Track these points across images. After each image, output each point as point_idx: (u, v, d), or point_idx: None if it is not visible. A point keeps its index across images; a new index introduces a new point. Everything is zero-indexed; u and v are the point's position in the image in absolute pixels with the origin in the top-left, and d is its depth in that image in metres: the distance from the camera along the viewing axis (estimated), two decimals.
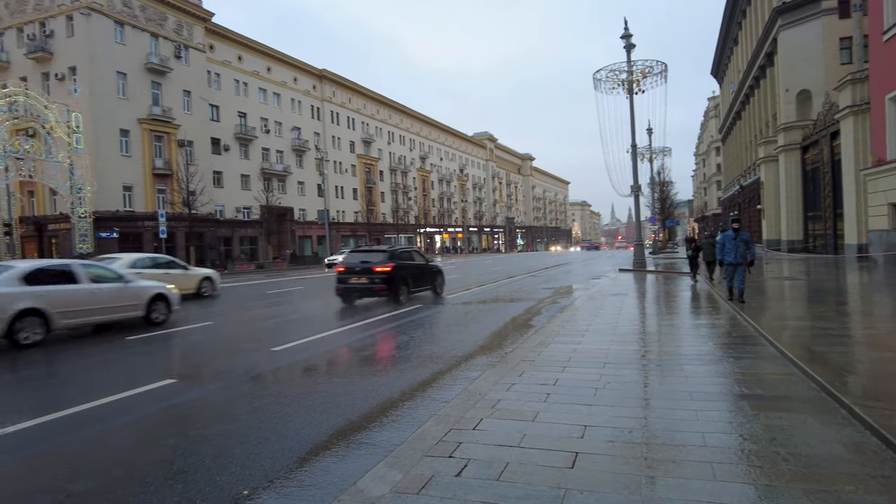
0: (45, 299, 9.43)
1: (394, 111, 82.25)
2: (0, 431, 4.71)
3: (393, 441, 4.19)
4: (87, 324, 10.50)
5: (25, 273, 9.53)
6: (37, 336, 9.23)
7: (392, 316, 12.02)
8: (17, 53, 42.40)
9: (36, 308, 9.27)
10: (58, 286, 9.84)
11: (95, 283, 10.49)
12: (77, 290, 10.06)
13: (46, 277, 9.81)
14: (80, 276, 10.27)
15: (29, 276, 9.54)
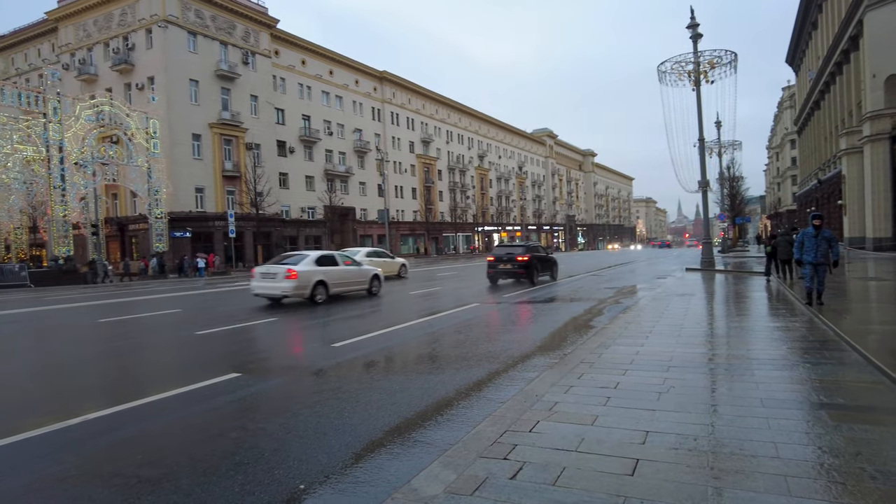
0: (326, 275, 15.19)
1: (452, 110, 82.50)
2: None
3: (447, 440, 4.16)
4: (342, 293, 16.02)
5: (316, 258, 15.45)
6: (323, 297, 14.88)
7: (447, 315, 12.03)
8: (104, 66, 45.42)
9: (322, 280, 14.99)
10: (330, 267, 15.55)
11: (346, 267, 16.19)
12: (339, 269, 15.88)
13: (324, 261, 15.55)
14: (339, 261, 16.14)
15: (317, 260, 15.38)
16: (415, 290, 19.09)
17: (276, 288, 14.49)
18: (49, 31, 49.96)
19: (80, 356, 8.83)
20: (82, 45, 46.88)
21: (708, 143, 27.23)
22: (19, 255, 36.68)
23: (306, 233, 54.62)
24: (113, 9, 44.61)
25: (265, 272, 14.99)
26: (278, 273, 14.54)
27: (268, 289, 14.67)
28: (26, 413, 5.46)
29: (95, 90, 42.94)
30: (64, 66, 46.64)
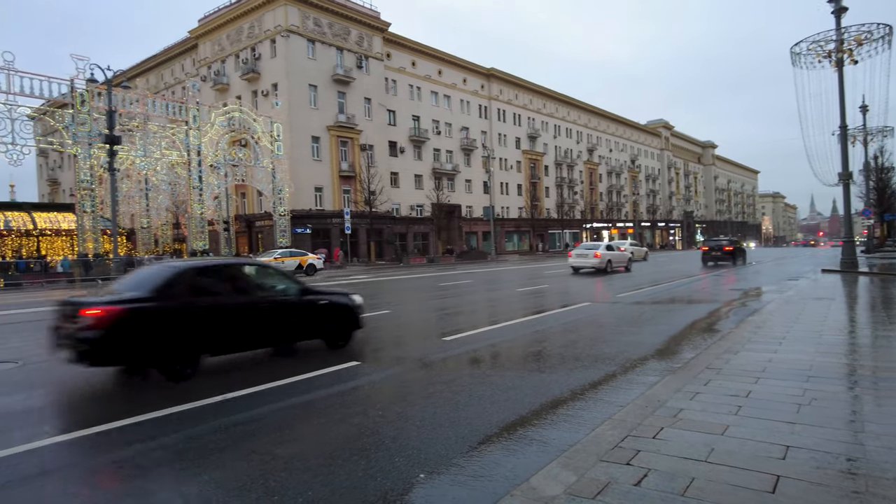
0: (612, 256, 24.86)
1: (560, 104, 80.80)
2: (232, 395, 5.52)
3: (565, 441, 4.08)
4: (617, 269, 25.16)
5: (605, 246, 25.66)
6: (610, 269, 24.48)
7: (556, 314, 11.80)
8: (235, 76, 49.57)
9: (610, 259, 24.52)
10: (611, 251, 25.31)
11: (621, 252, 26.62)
12: (616, 253, 25.76)
13: (609, 248, 25.61)
14: (614, 247, 26.51)
15: (606, 247, 25.40)
16: (521, 287, 18.95)
17: (588, 263, 24.73)
18: (190, 47, 55.40)
19: None
20: (217, 58, 51.50)
21: (851, 131, 24.45)
22: (164, 249, 41.11)
23: (415, 230, 56.16)
24: (243, 23, 48.55)
25: (580, 253, 25.52)
26: (588, 254, 24.88)
27: (582, 263, 25.01)
28: (168, 390, 6.09)
29: (227, 98, 47.00)
30: (202, 78, 51.51)
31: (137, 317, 6.17)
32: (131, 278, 7.27)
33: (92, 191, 31.68)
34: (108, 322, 5.94)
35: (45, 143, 34.42)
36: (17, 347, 8.92)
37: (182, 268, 7.11)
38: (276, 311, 7.52)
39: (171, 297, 6.51)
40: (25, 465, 3.89)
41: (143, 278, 6.99)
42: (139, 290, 6.51)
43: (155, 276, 6.90)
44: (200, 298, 6.84)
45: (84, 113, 30.75)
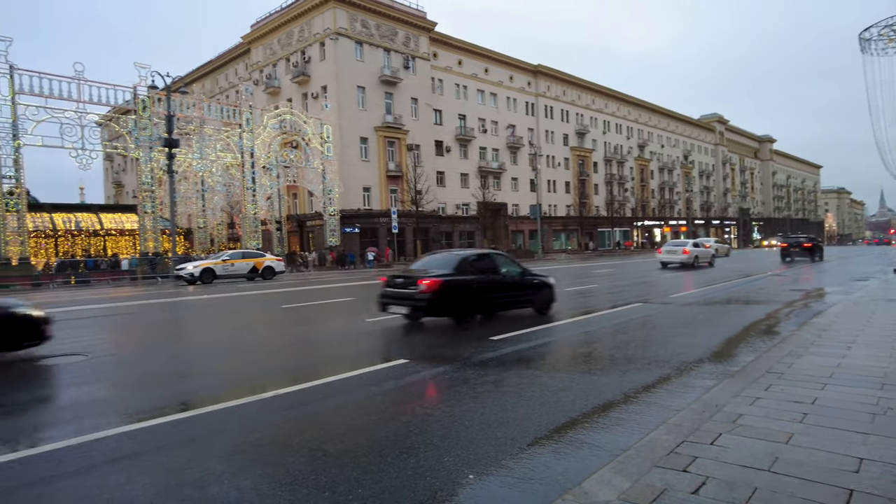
0: (698, 252, 27.70)
1: (609, 99, 79.18)
2: (283, 391, 5.65)
3: (617, 445, 3.97)
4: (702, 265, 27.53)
5: (693, 243, 28.29)
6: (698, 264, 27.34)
7: (607, 314, 11.55)
8: (286, 79, 50.85)
9: (697, 255, 27.55)
10: (698, 248, 27.98)
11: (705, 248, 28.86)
12: (701, 249, 28.14)
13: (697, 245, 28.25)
14: (700, 244, 28.89)
15: (693, 243, 28.19)
16: (569, 286, 18.66)
17: (676, 258, 26.97)
18: (243, 52, 57.18)
19: (269, 337, 9.98)
20: (269, 62, 52.96)
21: None
22: (220, 248, 42.59)
23: (460, 228, 56.19)
24: (293, 27, 49.73)
25: (669, 249, 27.92)
26: (677, 250, 27.44)
27: (671, 258, 27.28)
28: (228, 385, 6.29)
29: (279, 101, 48.26)
30: (255, 82, 53.07)
31: (451, 284, 9.70)
32: (429, 261, 11.13)
33: (152, 192, 33.15)
34: (436, 287, 9.44)
35: (111, 147, 36.29)
36: (87, 341, 9.40)
37: (466, 254, 10.97)
38: (514, 286, 11.11)
39: (464, 273, 10.13)
40: (95, 452, 4.08)
41: (441, 260, 10.75)
42: (446, 269, 10.03)
43: (451, 259, 10.67)
44: (478, 275, 10.44)
45: (145, 118, 32.21)
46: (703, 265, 27.82)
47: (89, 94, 29.79)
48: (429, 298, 9.36)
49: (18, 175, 28.23)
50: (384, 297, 10.31)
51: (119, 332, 11.44)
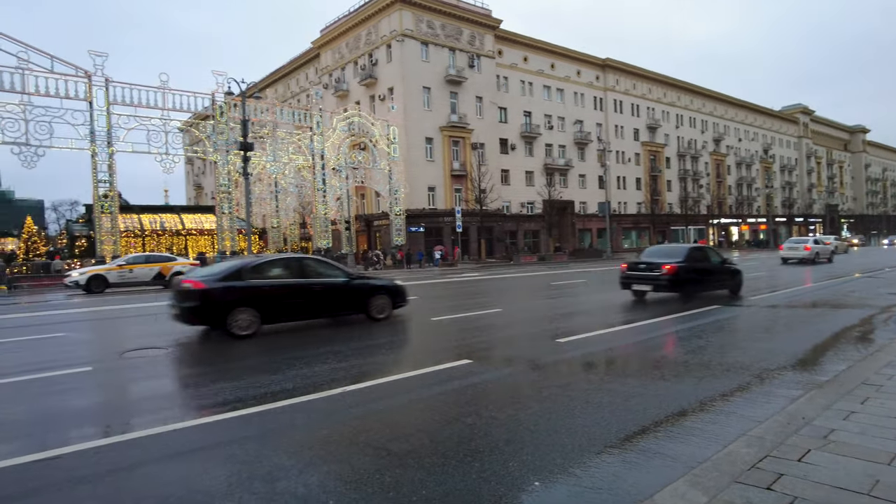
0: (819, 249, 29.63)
1: (682, 92, 75.97)
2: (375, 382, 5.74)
3: (692, 456, 3.75)
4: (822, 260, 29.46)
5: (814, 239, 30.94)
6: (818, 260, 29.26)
7: (683, 317, 11.04)
8: (354, 82, 52.05)
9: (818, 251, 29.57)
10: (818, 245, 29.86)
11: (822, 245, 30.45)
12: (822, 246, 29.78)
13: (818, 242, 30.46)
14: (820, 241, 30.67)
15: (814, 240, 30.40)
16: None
17: (798, 255, 28.86)
18: (313, 57, 59.01)
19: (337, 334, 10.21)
20: (337, 66, 54.38)
21: None
22: (293, 247, 44.17)
23: (525, 227, 55.60)
24: (361, 31, 50.82)
25: (791, 246, 30.04)
26: (798, 247, 29.47)
27: (792, 254, 29.10)
28: (298, 381, 6.45)
29: (347, 104, 49.43)
30: (324, 86, 54.64)
31: (683, 269, 13.14)
32: (656, 251, 14.69)
33: (229, 194, 34.80)
34: (674, 271, 12.98)
35: (192, 151, 38.39)
36: (169, 335, 9.94)
37: (689, 247, 14.27)
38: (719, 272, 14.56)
39: (689, 261, 13.54)
40: (174, 442, 4.28)
41: (670, 251, 14.31)
42: (678, 258, 13.43)
43: (678, 250, 14.16)
44: (697, 263, 13.83)
45: (222, 123, 33.86)
46: (823, 261, 30.05)
47: (173, 102, 31.63)
48: (668, 279, 12.96)
49: (112, 179, 30.38)
50: (628, 279, 14.01)
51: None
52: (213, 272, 9.73)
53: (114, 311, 14.92)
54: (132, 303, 16.93)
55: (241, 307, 9.22)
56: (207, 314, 9.26)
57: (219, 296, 9.18)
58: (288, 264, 10.71)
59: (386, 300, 11.21)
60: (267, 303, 9.61)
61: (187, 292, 9.16)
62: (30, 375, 6.81)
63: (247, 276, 9.61)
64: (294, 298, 10.01)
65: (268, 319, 9.70)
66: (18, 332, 10.96)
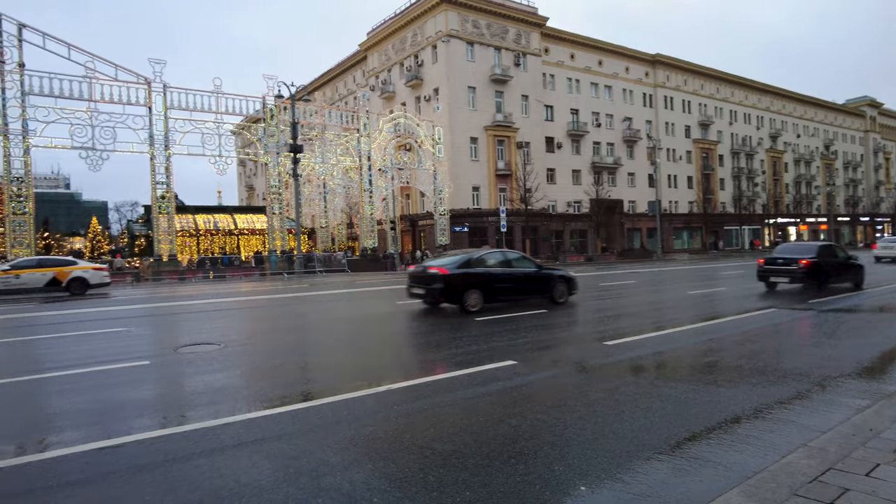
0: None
1: (736, 87, 73.28)
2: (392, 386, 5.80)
3: (746, 466, 3.59)
4: None
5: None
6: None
7: (734, 320, 10.64)
8: (400, 84, 52.56)
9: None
10: None
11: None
12: None
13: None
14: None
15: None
16: (692, 289, 17.49)
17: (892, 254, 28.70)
18: (360, 60, 59.89)
19: (379, 332, 10.32)
20: (384, 68, 55.01)
21: None
22: (340, 247, 44.97)
23: (572, 227, 54.83)
24: (406, 32, 51.25)
25: (885, 245, 29.84)
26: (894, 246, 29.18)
27: (887, 253, 28.98)
28: (344, 378, 6.55)
29: (393, 106, 49.97)
30: (371, 88, 55.39)
31: (817, 263, 14.87)
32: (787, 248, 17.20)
33: (280, 195, 35.72)
34: (809, 265, 14.75)
35: (243, 154, 39.65)
36: (221, 331, 10.28)
37: (819, 244, 16.11)
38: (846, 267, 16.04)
39: (821, 256, 15.15)
40: (225, 435, 4.41)
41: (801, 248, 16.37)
42: (810, 254, 15.11)
43: (810, 247, 16.00)
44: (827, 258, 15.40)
45: (273, 126, 34.78)
46: None
47: (226, 106, 32.74)
48: (804, 272, 14.78)
49: (168, 181, 31.69)
50: (765, 272, 15.81)
51: (249, 323, 12.41)
52: (450, 262, 12.40)
53: (174, 308, 15.55)
54: (178, 300, 17.60)
55: (471, 289, 11.90)
56: (450, 294, 11.95)
57: (458, 280, 11.86)
58: (498, 257, 13.24)
59: (564, 287, 13.51)
60: (487, 286, 12.20)
61: (434, 277, 11.99)
62: (94, 367, 7.17)
63: (474, 265, 12.29)
64: (504, 283, 12.59)
65: (488, 300, 12.22)
66: (82, 326, 11.56)
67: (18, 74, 27.55)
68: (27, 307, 16.54)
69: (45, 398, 6.00)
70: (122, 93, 29.78)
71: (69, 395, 5.93)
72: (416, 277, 12.88)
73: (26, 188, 28.20)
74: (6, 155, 27.44)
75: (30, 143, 28.07)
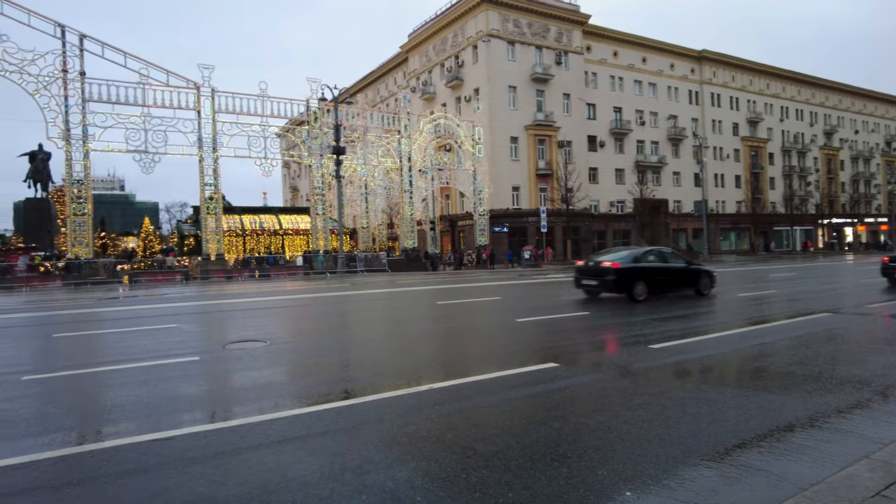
0: None
1: (788, 82, 70.53)
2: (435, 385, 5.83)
3: (802, 476, 3.45)
4: None
5: None
6: None
7: (790, 325, 10.25)
8: (440, 85, 52.76)
9: None
10: None
11: None
12: None
13: None
14: None
15: None
16: (742, 292, 16.95)
17: None
18: (401, 62, 60.40)
19: (420, 332, 10.38)
20: (424, 69, 55.32)
21: None
22: (381, 247, 45.45)
23: (615, 227, 53.90)
24: (447, 33, 51.40)
25: None
26: None
27: None
28: (386, 376, 6.62)
29: (434, 107, 50.20)
30: (412, 89, 55.78)
31: None
32: None
33: (323, 196, 36.39)
34: None
35: (288, 156, 40.53)
36: (267, 329, 10.54)
37: None
38: None
39: None
40: (272, 431, 4.52)
41: None
42: None
43: None
44: None
45: (316, 128, 35.46)
46: None
47: (271, 109, 33.59)
48: None
49: (216, 182, 32.70)
50: (890, 269, 16.55)
51: (293, 321, 12.68)
52: (619, 257, 14.21)
53: (222, 305, 16.03)
54: (248, 297, 18.11)
55: (638, 281, 13.58)
56: (622, 285, 13.61)
57: (628, 273, 13.62)
58: (657, 253, 14.97)
59: (708, 280, 15.13)
60: (651, 278, 13.91)
61: (607, 270, 13.85)
62: (148, 362, 7.47)
63: (639, 260, 14.11)
64: (663, 276, 14.34)
65: (651, 291, 13.82)
66: (138, 322, 12.05)
67: (80, 83, 28.96)
68: (88, 303, 17.36)
69: (103, 390, 6.28)
70: (172, 97, 30.93)
71: (124, 388, 6.19)
72: (586, 271, 14.79)
73: (86, 190, 29.60)
74: (68, 159, 28.89)
75: (89, 148, 29.46)
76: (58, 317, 14.00)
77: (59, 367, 7.42)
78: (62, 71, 28.58)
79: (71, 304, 17.10)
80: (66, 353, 8.89)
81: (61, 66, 28.58)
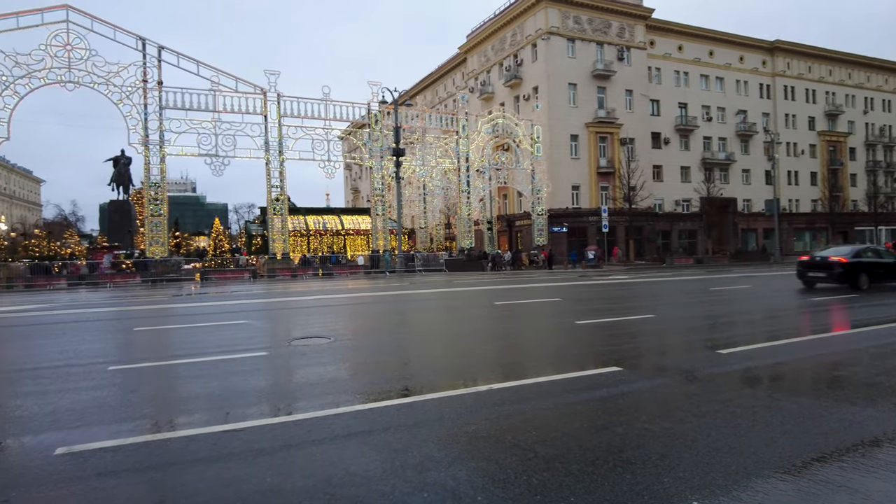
0: None
1: (873, 70, 65.90)
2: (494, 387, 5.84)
3: (890, 495, 3.23)
4: None
5: None
6: None
7: (870, 332, 9.59)
8: (498, 84, 52.61)
9: None
10: None
11: None
12: None
13: None
14: None
15: None
16: (816, 296, 15.99)
17: None
18: (460, 63, 60.61)
19: (478, 332, 10.39)
20: (483, 69, 55.29)
21: None
22: (438, 246, 45.80)
23: (680, 227, 52.09)
24: (506, 32, 51.17)
25: None
26: None
27: None
28: (445, 375, 6.67)
29: (492, 106, 50.08)
30: (470, 90, 55.89)
31: None
32: None
33: (383, 197, 37.05)
34: None
35: (350, 158, 41.46)
36: (330, 326, 10.83)
37: None
38: None
39: None
40: (336, 426, 4.66)
41: None
42: None
43: None
44: None
45: (377, 131, 36.15)
46: None
47: (333, 113, 34.52)
48: None
49: (282, 184, 33.92)
50: None
51: (355, 319, 12.98)
52: (844, 252, 16.78)
53: (288, 303, 16.63)
54: (294, 296, 18.73)
55: (861, 273, 16.04)
56: (848, 277, 16.00)
57: (853, 266, 16.06)
58: (872, 250, 17.67)
59: None
60: (871, 271, 16.29)
61: (835, 264, 16.26)
62: (219, 356, 7.85)
63: (861, 255, 16.64)
64: (879, 270, 16.65)
65: (872, 281, 16.13)
66: (211, 318, 12.67)
67: (157, 91, 30.75)
68: (164, 300, 18.41)
69: (179, 381, 6.66)
70: (241, 103, 32.33)
71: (198, 381, 6.54)
72: (811, 265, 17.20)
73: (162, 192, 31.39)
74: (146, 163, 30.76)
75: (165, 152, 31.24)
76: (138, 311, 14.93)
77: (140, 359, 7.92)
78: (142, 81, 30.44)
79: (149, 300, 18.19)
80: (147, 345, 9.47)
81: (142, 77, 30.44)
